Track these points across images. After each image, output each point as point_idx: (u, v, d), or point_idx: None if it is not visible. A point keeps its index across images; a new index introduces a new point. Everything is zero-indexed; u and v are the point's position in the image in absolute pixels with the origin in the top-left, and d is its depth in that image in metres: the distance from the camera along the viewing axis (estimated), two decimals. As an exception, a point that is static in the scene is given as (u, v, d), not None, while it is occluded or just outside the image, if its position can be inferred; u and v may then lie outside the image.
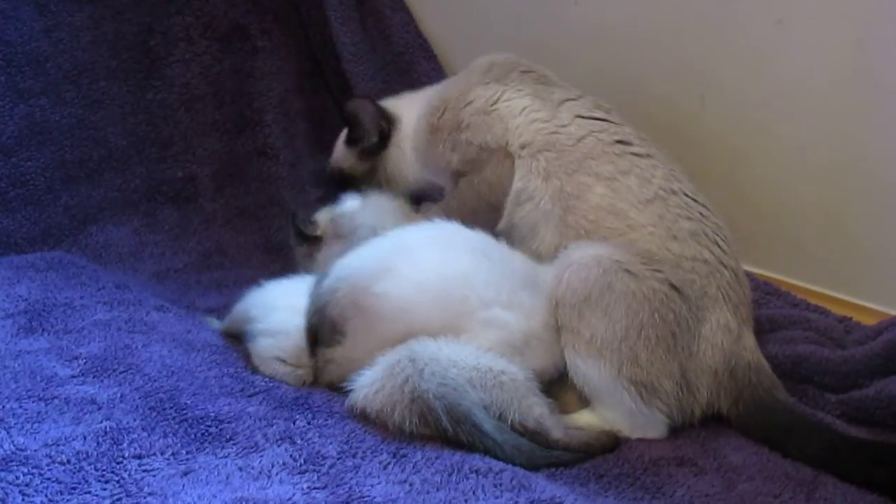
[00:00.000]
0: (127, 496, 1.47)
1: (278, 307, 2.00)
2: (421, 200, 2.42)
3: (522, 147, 2.13)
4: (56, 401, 1.70)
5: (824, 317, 2.24)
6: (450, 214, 2.10)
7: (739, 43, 2.45)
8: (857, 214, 2.31)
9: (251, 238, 2.82)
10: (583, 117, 2.14)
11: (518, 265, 1.96)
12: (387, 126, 2.41)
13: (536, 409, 1.76)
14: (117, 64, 2.79)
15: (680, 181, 2.05)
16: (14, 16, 2.63)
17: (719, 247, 1.97)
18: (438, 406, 1.65)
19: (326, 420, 1.74)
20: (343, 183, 2.47)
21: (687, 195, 2.02)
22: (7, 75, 2.58)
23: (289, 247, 2.41)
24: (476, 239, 1.96)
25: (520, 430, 1.73)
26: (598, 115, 2.14)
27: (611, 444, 1.82)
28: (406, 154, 2.41)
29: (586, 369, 1.83)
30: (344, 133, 2.50)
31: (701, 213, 2.01)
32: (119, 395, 1.74)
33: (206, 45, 2.95)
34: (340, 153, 2.52)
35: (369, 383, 1.75)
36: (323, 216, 2.30)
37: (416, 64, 2.81)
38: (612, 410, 1.85)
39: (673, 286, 1.86)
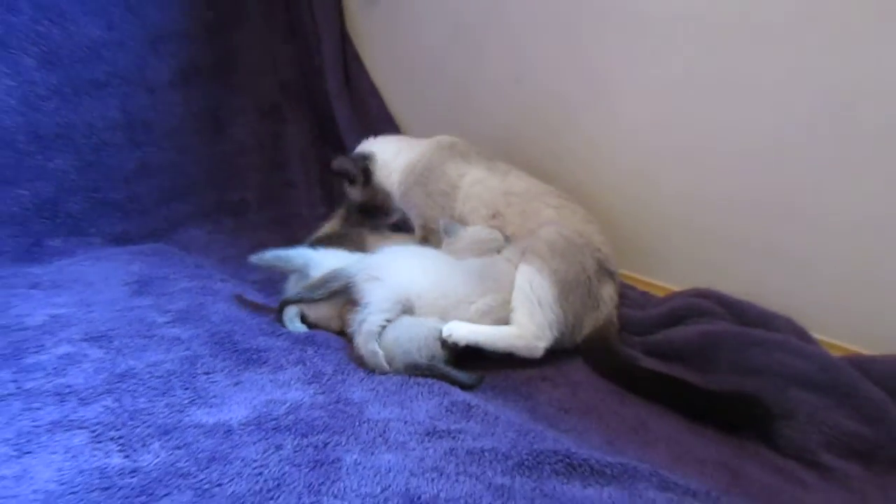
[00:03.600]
0: (199, 398, 1.48)
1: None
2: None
3: (483, 206, 2.09)
4: (155, 338, 1.70)
5: (632, 290, 2.24)
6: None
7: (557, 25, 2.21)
8: (652, 210, 2.15)
9: (281, 237, 2.74)
10: (522, 178, 2.15)
11: (474, 266, 1.86)
12: (364, 163, 2.33)
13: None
14: (197, 126, 2.75)
15: (566, 198, 2.07)
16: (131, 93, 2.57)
17: (603, 236, 2.00)
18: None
19: (325, 351, 1.75)
20: (366, 211, 2.37)
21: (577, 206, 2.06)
22: (128, 133, 2.53)
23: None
24: (440, 260, 1.88)
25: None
26: (526, 179, 2.15)
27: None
28: (391, 178, 2.30)
29: (541, 281, 1.76)
30: (346, 183, 2.40)
31: (587, 215, 2.04)
32: (195, 334, 1.74)
33: (254, 115, 2.93)
34: (352, 194, 2.39)
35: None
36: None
37: (386, 131, 2.81)
38: (529, 318, 1.75)
39: (598, 261, 1.88)
